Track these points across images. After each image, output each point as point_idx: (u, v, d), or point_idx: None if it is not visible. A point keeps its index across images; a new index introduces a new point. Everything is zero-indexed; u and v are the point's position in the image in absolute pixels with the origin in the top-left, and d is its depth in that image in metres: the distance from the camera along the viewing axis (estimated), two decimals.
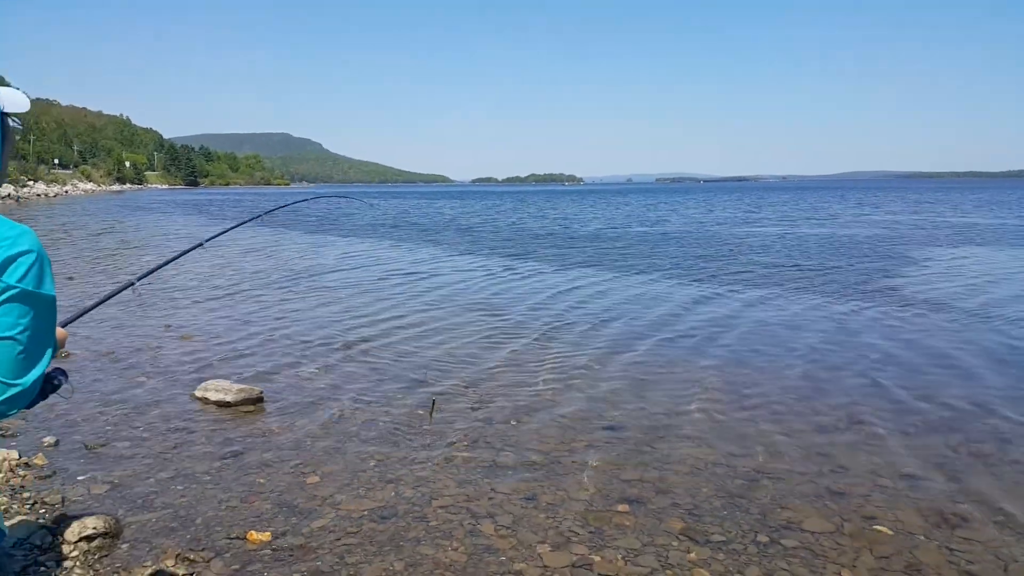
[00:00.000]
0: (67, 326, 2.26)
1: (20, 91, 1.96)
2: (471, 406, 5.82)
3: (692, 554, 3.52)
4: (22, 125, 1.96)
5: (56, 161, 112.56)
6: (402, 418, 5.53)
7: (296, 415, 5.59)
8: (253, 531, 3.69)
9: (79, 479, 4.33)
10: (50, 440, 4.90)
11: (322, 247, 21.02)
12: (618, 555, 3.50)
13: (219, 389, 5.88)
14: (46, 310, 1.75)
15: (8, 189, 64.34)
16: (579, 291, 12.16)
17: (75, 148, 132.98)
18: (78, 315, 2.64)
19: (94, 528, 3.54)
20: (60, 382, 2.02)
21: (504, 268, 15.53)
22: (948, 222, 30.93)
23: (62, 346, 2.00)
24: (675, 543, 3.63)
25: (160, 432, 5.18)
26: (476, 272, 14.91)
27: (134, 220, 35.69)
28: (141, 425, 5.33)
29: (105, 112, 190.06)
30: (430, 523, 3.83)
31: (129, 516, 3.84)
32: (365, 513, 3.94)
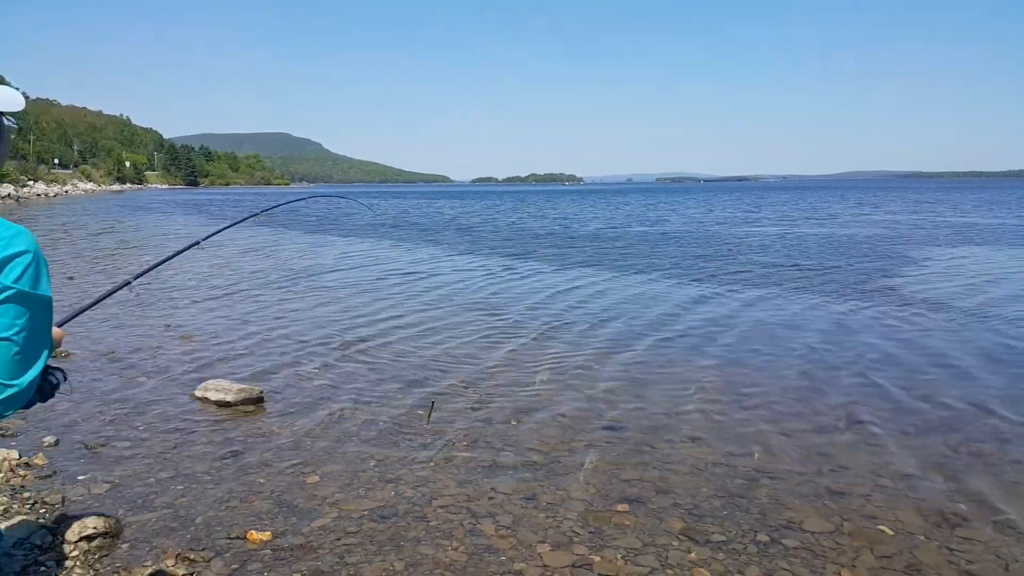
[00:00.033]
0: (63, 326, 2.26)
1: (16, 90, 1.95)
2: (471, 406, 5.82)
3: (692, 554, 3.52)
4: (17, 124, 1.96)
5: (56, 161, 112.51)
6: (402, 418, 5.53)
7: (296, 415, 5.60)
8: (253, 531, 3.69)
9: (79, 479, 4.33)
10: (50, 440, 4.90)
11: (321, 247, 21.02)
12: (618, 555, 3.51)
13: (219, 389, 5.88)
14: (42, 311, 1.75)
15: (8, 189, 64.35)
16: (578, 291, 12.16)
17: (75, 148, 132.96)
18: (74, 315, 2.63)
19: (94, 528, 3.54)
20: (58, 381, 2.01)
21: (504, 268, 15.53)
22: (947, 222, 30.92)
23: (58, 346, 2.00)
24: (675, 543, 3.63)
25: (160, 432, 5.19)
26: (476, 272, 14.91)
27: (134, 220, 35.69)
28: (141, 425, 5.34)
29: (105, 112, 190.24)
30: (430, 523, 3.83)
31: (129, 516, 3.84)
32: (365, 513, 3.94)
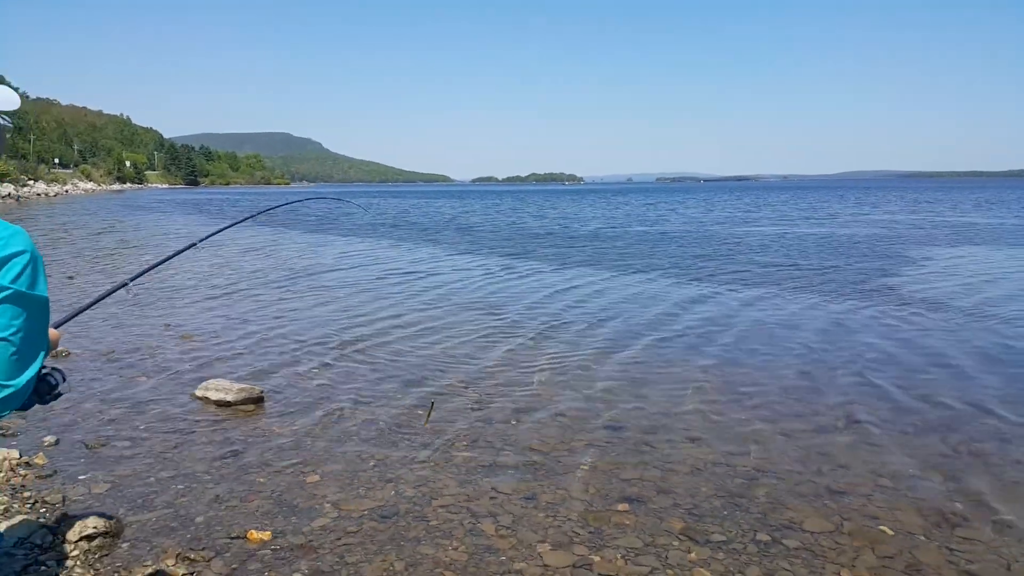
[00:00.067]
0: (60, 327, 2.26)
1: (11, 89, 1.95)
2: (471, 405, 5.82)
3: (692, 554, 3.52)
4: (12, 123, 1.96)
5: (56, 160, 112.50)
6: (402, 418, 5.53)
7: (296, 414, 5.60)
8: (253, 530, 3.69)
9: (80, 478, 4.33)
10: (51, 439, 4.90)
11: (321, 246, 21.01)
12: (618, 554, 3.51)
13: (219, 388, 5.88)
14: (39, 311, 1.74)
15: (8, 188, 64.35)
16: (578, 290, 12.16)
17: (75, 147, 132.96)
18: (71, 316, 2.64)
19: (95, 527, 3.54)
20: (57, 383, 2.01)
21: (503, 267, 15.53)
22: (947, 221, 30.92)
23: (55, 347, 1.99)
24: (675, 543, 3.63)
25: (160, 431, 5.19)
26: (475, 271, 14.91)
27: (134, 219, 35.68)
28: (141, 424, 5.34)
29: (105, 111, 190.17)
30: (430, 522, 3.83)
31: (130, 515, 3.84)
32: (365, 512, 3.94)
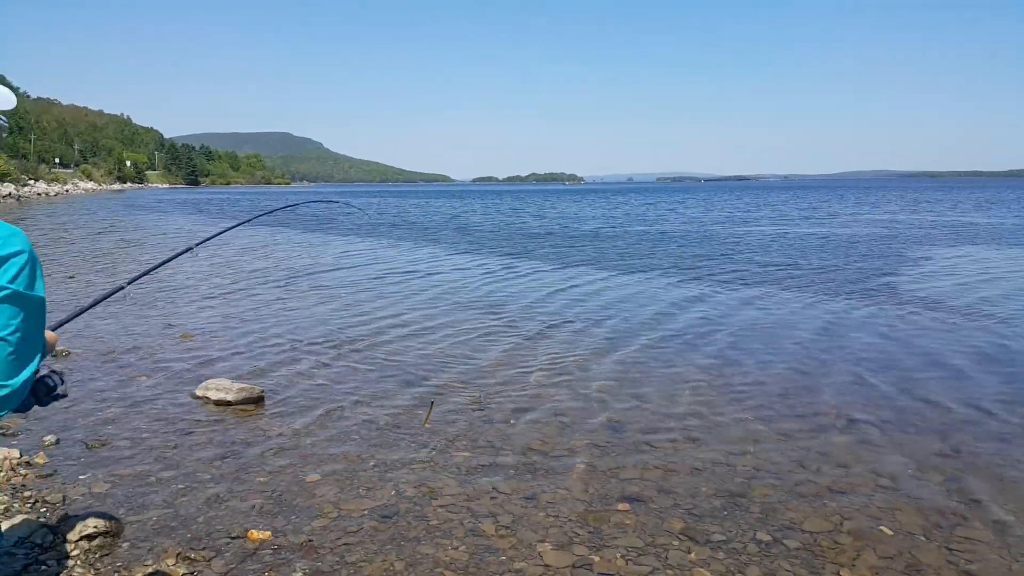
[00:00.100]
0: (57, 329, 2.26)
1: (7, 88, 1.95)
2: (471, 405, 5.82)
3: (692, 554, 3.52)
4: (8, 122, 1.96)
5: (57, 160, 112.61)
6: (402, 417, 5.53)
7: (296, 414, 5.60)
8: (253, 530, 3.69)
9: (80, 478, 4.33)
10: (51, 439, 4.90)
11: (321, 246, 21.02)
12: (618, 554, 3.51)
13: (220, 388, 5.88)
14: (36, 311, 1.74)
15: (9, 188, 64.38)
16: (577, 290, 12.16)
17: (76, 147, 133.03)
18: (68, 319, 2.64)
19: (95, 527, 3.54)
20: (55, 384, 2.00)
21: (503, 267, 15.53)
22: (947, 221, 30.91)
23: (51, 349, 1.99)
24: (675, 543, 3.63)
25: (161, 431, 5.19)
26: (475, 271, 14.91)
27: (134, 219, 35.70)
28: (142, 424, 5.34)
29: (106, 111, 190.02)
30: (430, 522, 3.83)
31: (130, 515, 3.84)
32: (365, 512, 3.94)
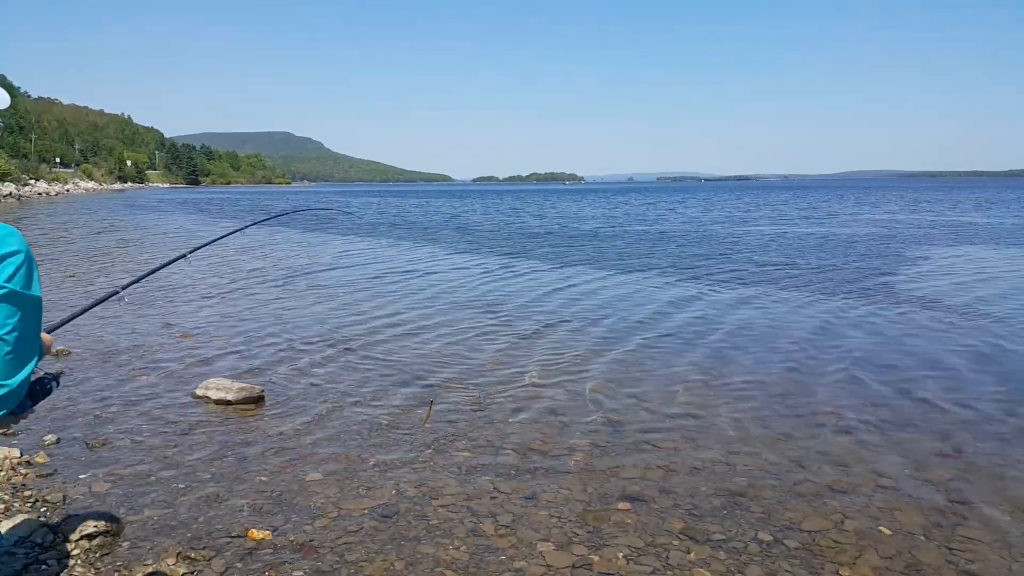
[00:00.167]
0: (53, 332, 2.26)
1: (1, 88, 1.95)
2: (471, 404, 5.82)
3: (692, 554, 3.52)
4: (2, 122, 1.96)
5: (58, 160, 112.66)
6: (402, 416, 5.53)
7: (296, 413, 5.60)
8: (254, 529, 3.69)
9: (80, 477, 4.34)
10: (51, 438, 4.91)
11: (320, 245, 21.03)
12: (618, 554, 3.51)
13: (220, 387, 5.88)
14: (33, 311, 1.74)
15: (10, 188, 64.40)
16: (577, 289, 12.16)
17: (76, 147, 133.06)
18: (64, 322, 2.65)
19: (95, 526, 3.54)
20: (52, 387, 2.00)
21: (502, 267, 15.54)
22: (947, 221, 30.89)
23: (48, 351, 1.98)
24: (675, 542, 3.63)
25: (161, 430, 5.19)
26: (474, 270, 14.91)
27: (134, 219, 35.72)
28: (142, 423, 5.34)
29: (107, 111, 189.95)
30: (430, 522, 3.83)
31: (130, 514, 3.85)
32: (365, 511, 3.95)
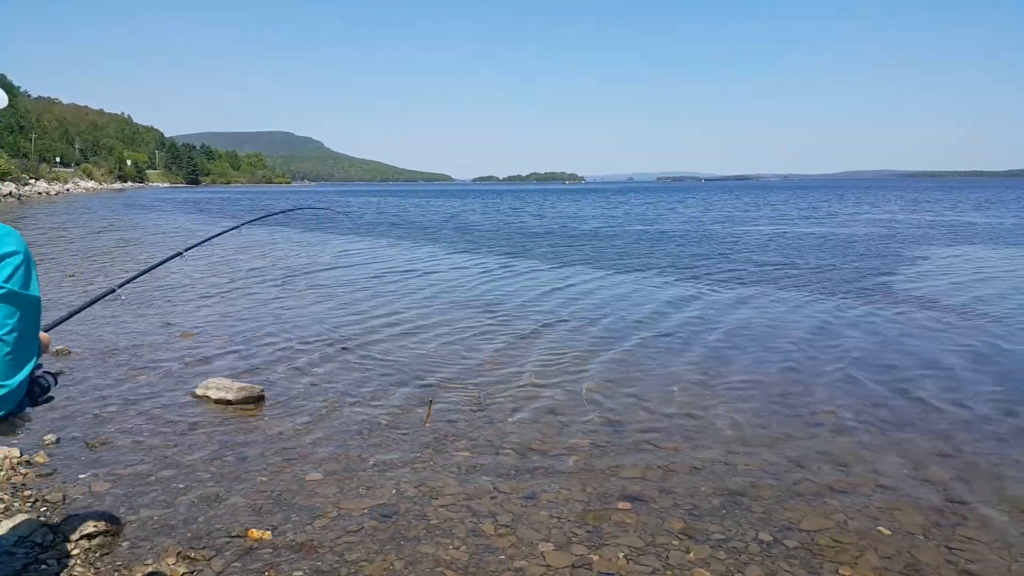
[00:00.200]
0: (50, 331, 2.27)
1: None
2: (471, 404, 5.82)
3: (692, 553, 3.52)
4: (2, 121, 1.98)
5: (57, 159, 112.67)
6: (402, 416, 5.53)
7: (297, 413, 5.60)
8: (254, 529, 3.69)
9: (80, 477, 4.34)
10: (51, 438, 4.91)
11: (320, 245, 21.02)
12: (618, 554, 3.51)
13: (220, 387, 5.88)
14: (32, 311, 1.74)
15: (10, 187, 64.40)
16: (576, 288, 12.16)
17: (76, 146, 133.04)
18: (60, 320, 2.65)
19: (95, 526, 3.54)
20: (48, 385, 2.00)
21: (501, 266, 15.53)
22: (947, 221, 30.89)
23: (45, 350, 1.99)
24: (675, 542, 3.63)
25: (161, 430, 5.19)
26: (474, 270, 14.91)
27: (134, 218, 35.71)
28: (142, 423, 5.34)
29: (106, 111, 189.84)
30: (430, 521, 3.83)
31: (130, 514, 3.85)
32: (365, 511, 3.95)
